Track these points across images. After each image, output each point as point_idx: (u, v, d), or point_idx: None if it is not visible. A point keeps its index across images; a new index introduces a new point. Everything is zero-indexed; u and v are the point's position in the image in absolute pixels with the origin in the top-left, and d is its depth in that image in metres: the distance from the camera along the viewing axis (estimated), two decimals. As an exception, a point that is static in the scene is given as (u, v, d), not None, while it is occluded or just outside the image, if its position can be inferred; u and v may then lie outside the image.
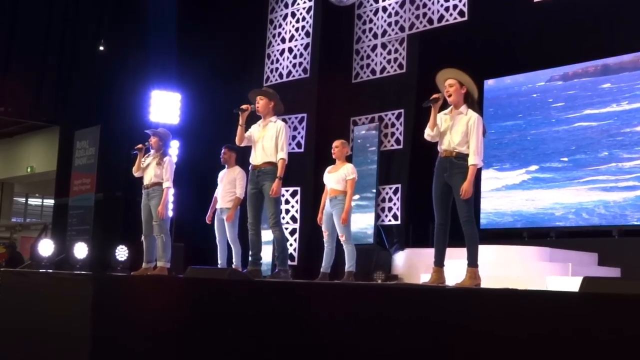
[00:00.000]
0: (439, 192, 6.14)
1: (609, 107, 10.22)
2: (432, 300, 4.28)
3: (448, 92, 6.10)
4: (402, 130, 11.22)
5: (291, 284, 6.09)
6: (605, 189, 9.99)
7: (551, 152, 10.77)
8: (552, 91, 10.97)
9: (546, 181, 10.71)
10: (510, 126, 11.37)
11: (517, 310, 3.76)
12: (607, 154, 10.10)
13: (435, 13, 10.90)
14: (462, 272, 6.08)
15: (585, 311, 3.44)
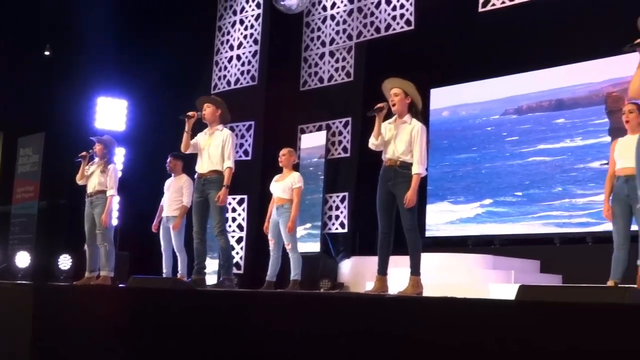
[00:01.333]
0: (383, 200, 6.18)
1: (563, 143, 10.33)
2: (374, 309, 4.29)
3: (393, 101, 6.15)
4: (350, 139, 11.27)
5: (235, 293, 6.07)
6: (559, 225, 10.08)
7: (505, 186, 10.81)
8: (506, 125, 11.09)
9: (500, 215, 10.76)
10: (465, 159, 11.42)
11: (456, 318, 3.80)
12: (561, 189, 10.18)
13: (383, 22, 10.98)
14: (406, 280, 6.12)
15: (521, 318, 3.49)
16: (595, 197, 9.33)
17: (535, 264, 9.58)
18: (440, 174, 11.44)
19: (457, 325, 3.74)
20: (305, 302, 4.86)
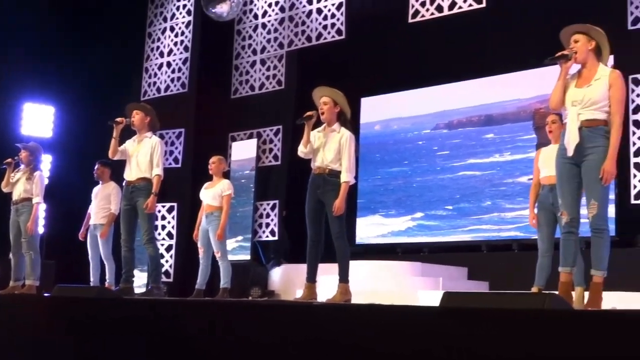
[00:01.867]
0: (311, 208, 6.21)
1: (492, 157, 10.52)
2: (302, 317, 4.32)
3: (322, 110, 6.20)
4: (280, 147, 11.29)
5: (163, 301, 6.03)
6: (488, 238, 10.25)
7: (436, 199, 10.93)
8: (437, 139, 11.22)
9: (431, 228, 10.88)
10: (397, 172, 11.52)
11: (383, 325, 3.85)
12: (490, 203, 10.35)
13: (314, 31, 11.04)
14: (336, 288, 6.16)
15: (446, 325, 3.55)
16: (523, 212, 9.47)
17: (462, 271, 9.73)
18: (371, 187, 11.54)
19: (383, 332, 3.79)
20: (234, 310, 4.85)
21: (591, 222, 4.70)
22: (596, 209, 4.63)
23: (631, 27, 9.18)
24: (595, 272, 4.74)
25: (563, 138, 4.82)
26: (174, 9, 12.41)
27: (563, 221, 4.82)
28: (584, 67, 4.88)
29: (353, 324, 3.97)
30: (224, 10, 10.82)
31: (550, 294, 3.68)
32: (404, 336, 3.69)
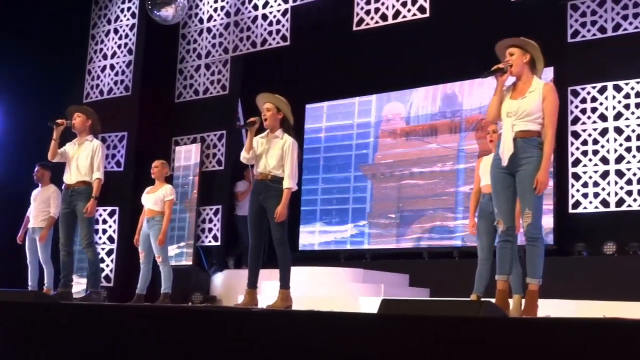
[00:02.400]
0: (254, 214, 6.22)
1: (435, 167, 10.62)
2: (242, 323, 4.32)
3: (265, 116, 6.22)
4: (224, 152, 11.25)
5: (102, 306, 5.96)
6: (430, 246, 10.39)
7: (379, 207, 11.03)
8: (381, 147, 11.29)
9: (374, 236, 10.95)
10: (340, 179, 11.58)
11: (322, 331, 3.87)
12: (433, 212, 10.47)
13: (259, 37, 11.03)
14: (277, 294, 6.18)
15: (383, 331, 3.59)
16: (465, 220, 9.61)
17: (404, 278, 9.81)
18: (315, 194, 11.58)
19: (323, 338, 3.81)
20: (173, 316, 4.83)
21: (526, 231, 4.79)
22: (530, 218, 4.73)
23: (571, 39, 9.38)
24: (530, 280, 4.84)
25: (498, 148, 4.91)
26: (118, 11, 12.29)
27: (499, 230, 4.91)
28: (519, 79, 4.99)
29: (292, 330, 3.98)
30: (169, 13, 10.76)
31: (486, 302, 3.73)
32: (342, 342, 3.72)
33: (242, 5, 11.30)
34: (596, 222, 9.09)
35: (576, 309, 7.12)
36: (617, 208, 8.93)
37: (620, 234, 8.81)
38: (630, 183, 8.86)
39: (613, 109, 9.07)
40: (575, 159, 9.19)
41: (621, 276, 8.14)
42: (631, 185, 8.85)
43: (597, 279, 8.20)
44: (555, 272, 7.61)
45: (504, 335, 3.22)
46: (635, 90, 8.96)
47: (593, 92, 9.21)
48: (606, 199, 8.98)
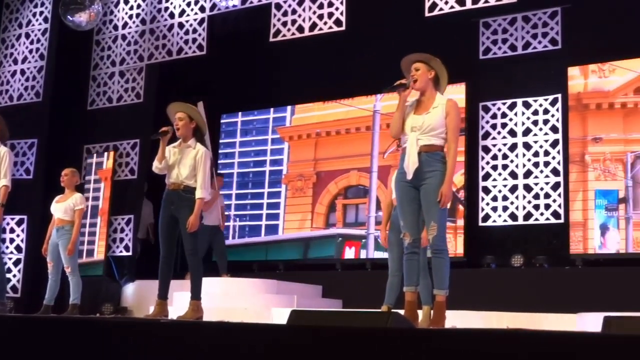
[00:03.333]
0: (165, 224, 6.16)
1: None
2: (150, 334, 4.26)
3: (177, 125, 6.18)
4: (137, 160, 11.10)
5: (7, 318, 5.81)
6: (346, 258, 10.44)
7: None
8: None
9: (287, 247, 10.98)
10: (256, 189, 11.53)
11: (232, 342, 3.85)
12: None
13: (175, 45, 10.94)
14: (187, 305, 6.12)
15: (293, 342, 3.59)
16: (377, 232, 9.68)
17: (317, 289, 9.83)
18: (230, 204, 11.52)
19: (232, 349, 3.79)
20: (82, 327, 4.74)
21: (431, 243, 4.87)
22: (435, 230, 4.81)
23: (482, 56, 9.60)
24: (438, 292, 4.92)
25: (402, 161, 4.97)
26: (30, 15, 12.02)
27: (406, 242, 4.97)
28: (423, 95, 5.07)
29: (201, 342, 3.95)
30: (82, 19, 10.56)
31: (394, 313, 3.78)
32: (252, 354, 3.71)
33: (158, 13, 11.19)
34: (505, 235, 9.32)
35: (483, 319, 7.27)
36: (524, 221, 9.17)
37: (528, 247, 9.05)
38: (538, 197, 9.11)
39: (522, 124, 9.32)
40: (486, 173, 9.39)
41: (527, 288, 8.35)
42: (538, 199, 9.10)
43: (505, 291, 8.38)
44: (464, 284, 7.78)
45: (411, 346, 3.26)
46: (543, 107, 9.23)
47: (503, 108, 9.44)
48: (514, 213, 9.21)
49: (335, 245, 10.55)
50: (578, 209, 8.82)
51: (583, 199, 8.82)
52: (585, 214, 8.77)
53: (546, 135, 9.17)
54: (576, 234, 8.76)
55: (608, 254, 8.58)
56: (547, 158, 9.13)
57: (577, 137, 8.97)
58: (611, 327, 3.19)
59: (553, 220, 9.00)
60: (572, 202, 8.84)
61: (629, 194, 8.58)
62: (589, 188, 8.80)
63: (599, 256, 8.63)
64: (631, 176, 8.62)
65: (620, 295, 7.63)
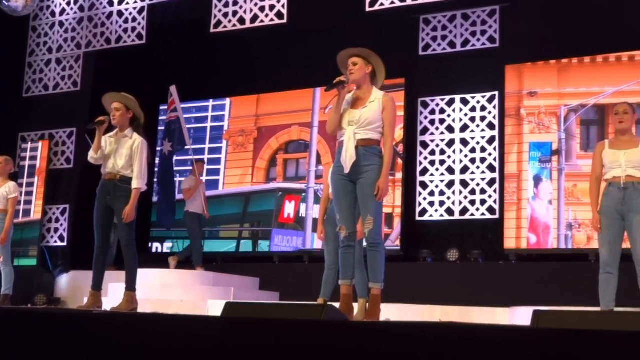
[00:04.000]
0: (100, 214, 6.08)
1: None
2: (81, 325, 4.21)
3: (114, 115, 6.10)
4: (74, 150, 10.94)
5: None
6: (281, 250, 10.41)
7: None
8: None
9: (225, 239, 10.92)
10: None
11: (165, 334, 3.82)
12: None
13: (114, 33, 10.81)
14: (122, 296, 6.07)
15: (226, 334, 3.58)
16: (316, 226, 9.73)
17: (255, 281, 9.82)
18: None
19: (165, 341, 3.77)
20: (12, 318, 4.66)
21: (367, 237, 4.90)
22: (372, 224, 4.83)
23: (422, 52, 9.68)
24: (373, 285, 4.95)
25: (339, 155, 4.98)
26: (-36, -1, 11.74)
27: (342, 236, 4.99)
28: (360, 89, 5.08)
29: (133, 333, 3.92)
30: (19, 4, 10.36)
31: (328, 306, 3.79)
32: (186, 346, 3.69)
33: (97, 0, 11.03)
34: (441, 230, 9.43)
35: (417, 313, 7.35)
36: (460, 217, 9.30)
37: (463, 242, 9.17)
38: (474, 193, 9.24)
39: (460, 121, 9.43)
40: (424, 168, 9.49)
41: (462, 282, 8.47)
42: (474, 195, 9.23)
43: (440, 285, 8.48)
44: (400, 278, 7.86)
45: (345, 338, 3.28)
46: (480, 104, 9.36)
47: (442, 104, 9.55)
48: (451, 208, 9.33)
49: (276, 199, 10.58)
50: (513, 162, 9.07)
51: (518, 152, 9.06)
52: (519, 166, 9.02)
53: (483, 132, 9.30)
54: (511, 185, 9.01)
55: (542, 250, 8.75)
56: (484, 154, 9.26)
57: (513, 92, 9.18)
58: (540, 321, 3.25)
59: (488, 215, 9.14)
60: (508, 154, 9.08)
61: (562, 146, 8.86)
62: (524, 141, 9.03)
63: (532, 252, 8.80)
64: (564, 129, 8.89)
65: (553, 290, 7.80)
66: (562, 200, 8.73)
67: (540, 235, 8.78)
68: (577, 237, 8.60)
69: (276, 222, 10.47)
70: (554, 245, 8.67)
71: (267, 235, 10.51)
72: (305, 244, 10.21)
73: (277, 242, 10.43)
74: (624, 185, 5.59)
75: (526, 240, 8.81)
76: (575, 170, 8.75)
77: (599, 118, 8.87)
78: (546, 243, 8.74)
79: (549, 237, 8.73)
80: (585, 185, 7.65)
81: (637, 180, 5.60)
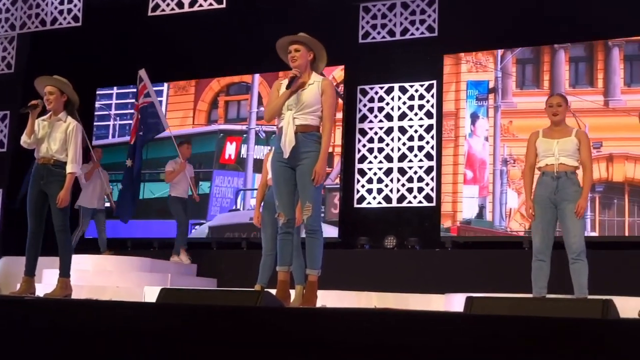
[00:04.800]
0: (33, 199, 5.98)
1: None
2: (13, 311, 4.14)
3: (48, 99, 6.00)
4: (7, 133, 10.72)
5: None
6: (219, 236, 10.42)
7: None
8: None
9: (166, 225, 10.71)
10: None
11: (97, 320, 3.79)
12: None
13: (49, 15, 10.59)
14: (55, 282, 5.98)
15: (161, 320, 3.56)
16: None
17: (192, 268, 9.76)
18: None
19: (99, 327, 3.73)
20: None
21: (306, 223, 4.90)
22: (310, 210, 4.84)
23: (362, 40, 9.73)
24: (310, 272, 4.96)
25: (279, 141, 4.97)
26: None
27: (280, 222, 4.98)
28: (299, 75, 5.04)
29: (67, 319, 3.87)
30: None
31: (264, 292, 3.80)
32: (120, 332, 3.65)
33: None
34: (379, 217, 9.50)
35: (354, 299, 7.40)
36: (398, 204, 9.38)
37: (401, 229, 9.25)
38: (411, 181, 9.33)
39: (398, 109, 9.50)
40: (362, 156, 9.54)
41: (399, 269, 8.55)
42: (412, 182, 9.32)
43: (377, 271, 8.55)
44: (338, 264, 7.89)
45: (281, 324, 3.29)
46: (419, 92, 9.44)
47: (380, 92, 9.60)
48: (389, 195, 9.40)
49: (217, 140, 10.60)
50: (451, 100, 9.29)
51: (455, 90, 9.29)
52: (457, 104, 9.25)
53: (421, 120, 9.39)
54: (448, 123, 9.25)
55: (477, 237, 8.89)
56: (422, 142, 9.35)
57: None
58: (473, 307, 3.30)
59: (425, 203, 9.24)
60: (445, 93, 9.29)
61: (498, 85, 9.12)
62: (461, 79, 9.27)
63: (468, 239, 8.92)
64: (500, 67, 9.15)
65: (487, 277, 7.93)
66: (498, 136, 9.02)
67: (476, 171, 9.00)
68: (512, 172, 8.88)
69: (217, 163, 10.50)
70: (490, 180, 8.91)
71: (209, 177, 10.52)
72: (246, 183, 10.28)
73: (217, 183, 10.47)
74: (557, 174, 5.70)
75: (463, 177, 9.02)
76: (511, 108, 9.05)
77: (534, 56, 9.15)
78: (482, 178, 8.97)
79: (485, 172, 8.96)
80: (521, 122, 8.39)
81: (569, 169, 5.71)
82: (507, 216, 8.82)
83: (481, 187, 8.95)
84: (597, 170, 8.18)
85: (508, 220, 8.81)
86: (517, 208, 8.73)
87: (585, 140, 5.79)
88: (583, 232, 5.69)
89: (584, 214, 5.72)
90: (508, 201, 8.86)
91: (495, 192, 8.91)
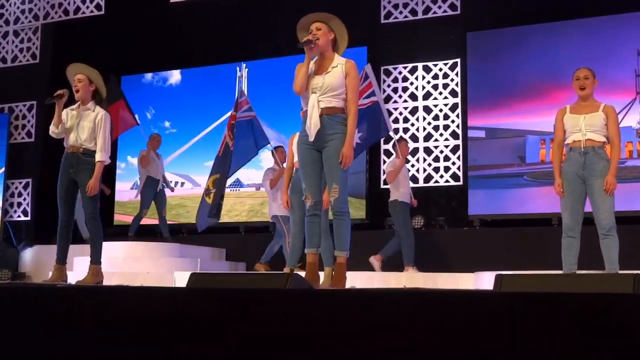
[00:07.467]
0: (64, 188, 6.02)
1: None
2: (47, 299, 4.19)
3: (76, 87, 6.02)
4: (35, 123, 10.82)
5: None
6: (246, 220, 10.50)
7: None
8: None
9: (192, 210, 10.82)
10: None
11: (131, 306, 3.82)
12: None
13: (72, 4, 10.65)
14: (87, 270, 6.04)
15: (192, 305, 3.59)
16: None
17: (221, 252, 9.83)
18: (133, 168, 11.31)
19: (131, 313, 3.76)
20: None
21: (333, 205, 4.90)
22: (337, 192, 4.83)
23: (384, 20, 9.68)
24: (338, 253, 4.96)
25: (304, 124, 4.96)
26: None
27: (307, 205, 4.98)
28: (322, 55, 5.02)
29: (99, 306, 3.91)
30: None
31: (293, 274, 3.81)
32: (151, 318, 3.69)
33: (54, -29, 10.86)
34: (406, 197, 9.47)
35: (382, 280, 7.41)
36: (425, 184, 9.36)
37: (428, 209, 9.23)
38: (438, 160, 9.30)
39: (423, 88, 9.47)
40: (387, 137, 9.51)
41: (428, 248, 8.54)
42: (438, 162, 9.30)
43: (405, 252, 8.54)
44: (365, 245, 7.91)
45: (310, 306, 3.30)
46: (443, 71, 9.39)
47: (404, 72, 9.57)
48: (415, 175, 9.38)
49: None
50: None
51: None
52: None
53: (446, 99, 9.35)
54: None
55: (505, 214, 8.86)
56: (447, 122, 9.32)
57: None
58: (502, 285, 3.29)
59: (452, 182, 9.22)
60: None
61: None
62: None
63: (495, 217, 8.89)
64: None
65: (516, 254, 7.91)
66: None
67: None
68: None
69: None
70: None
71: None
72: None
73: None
74: (584, 149, 5.65)
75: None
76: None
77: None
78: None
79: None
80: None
81: (597, 145, 5.65)
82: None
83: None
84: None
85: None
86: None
87: (613, 114, 5.72)
88: (613, 208, 5.61)
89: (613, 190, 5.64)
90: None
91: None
